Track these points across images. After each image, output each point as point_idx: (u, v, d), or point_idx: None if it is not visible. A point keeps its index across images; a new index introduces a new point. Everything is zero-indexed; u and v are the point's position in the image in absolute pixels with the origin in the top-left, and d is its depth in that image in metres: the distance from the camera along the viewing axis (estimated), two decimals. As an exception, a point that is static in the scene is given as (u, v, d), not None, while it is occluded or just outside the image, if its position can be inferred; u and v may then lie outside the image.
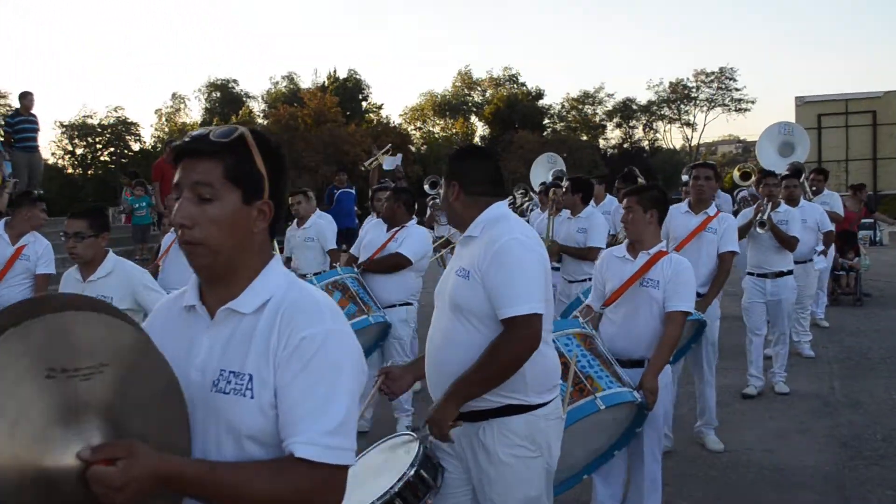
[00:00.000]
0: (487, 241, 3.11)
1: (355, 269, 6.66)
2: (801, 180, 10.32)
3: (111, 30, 72.04)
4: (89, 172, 45.61)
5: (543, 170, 11.38)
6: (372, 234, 7.05)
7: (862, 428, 6.67)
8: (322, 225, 8.56)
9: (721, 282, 6.26)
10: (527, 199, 11.13)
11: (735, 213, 8.91)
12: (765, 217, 7.45)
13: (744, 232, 7.40)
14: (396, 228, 6.85)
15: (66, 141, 46.54)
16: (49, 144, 46.08)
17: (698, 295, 5.74)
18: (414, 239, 6.79)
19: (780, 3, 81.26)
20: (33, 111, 14.08)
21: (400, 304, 6.71)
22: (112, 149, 46.33)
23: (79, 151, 46.10)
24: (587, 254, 7.34)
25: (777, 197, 7.72)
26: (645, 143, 54.62)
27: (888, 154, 24.64)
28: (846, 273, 12.82)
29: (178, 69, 75.81)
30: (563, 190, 8.22)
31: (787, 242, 7.49)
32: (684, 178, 11.69)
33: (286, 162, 1.93)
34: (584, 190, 7.77)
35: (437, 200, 9.00)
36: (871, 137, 23.20)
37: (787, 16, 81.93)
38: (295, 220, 8.72)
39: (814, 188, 10.54)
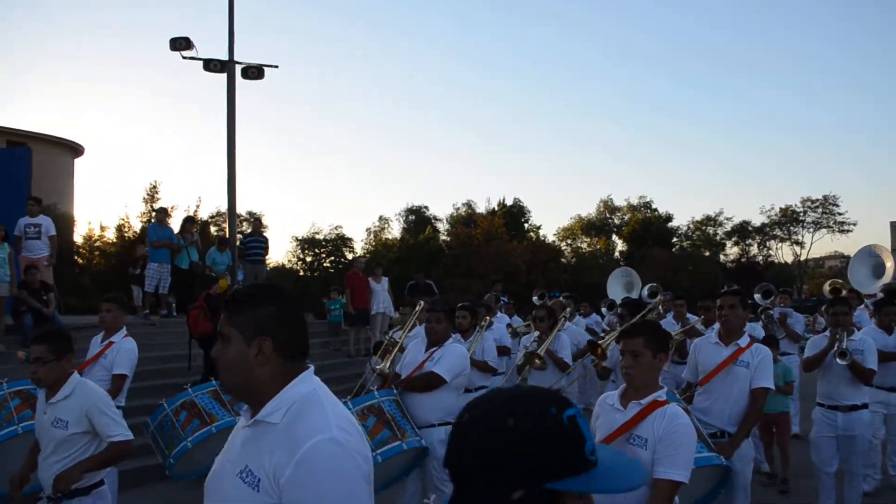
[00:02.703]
0: (290, 439, 1.79)
1: (394, 391, 5.30)
2: None
3: (337, 163, 76.23)
4: (315, 275, 47.69)
5: (617, 282, 10.06)
6: (412, 354, 5.71)
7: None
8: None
9: (752, 421, 4.71)
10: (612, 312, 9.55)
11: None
12: (843, 346, 5.61)
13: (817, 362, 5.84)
14: (434, 348, 5.51)
15: (299, 251, 49.19)
16: (286, 253, 48.95)
17: (727, 435, 4.63)
18: (449, 357, 5.42)
19: (883, 134, 75.94)
20: (262, 232, 14.94)
21: (439, 425, 5.26)
22: (332, 258, 48.36)
23: (308, 259, 48.33)
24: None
25: (848, 325, 5.83)
26: (760, 259, 51.51)
27: None
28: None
29: (385, 195, 79.01)
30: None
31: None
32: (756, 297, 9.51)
33: None
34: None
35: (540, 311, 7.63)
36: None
37: (890, 145, 76.22)
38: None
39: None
